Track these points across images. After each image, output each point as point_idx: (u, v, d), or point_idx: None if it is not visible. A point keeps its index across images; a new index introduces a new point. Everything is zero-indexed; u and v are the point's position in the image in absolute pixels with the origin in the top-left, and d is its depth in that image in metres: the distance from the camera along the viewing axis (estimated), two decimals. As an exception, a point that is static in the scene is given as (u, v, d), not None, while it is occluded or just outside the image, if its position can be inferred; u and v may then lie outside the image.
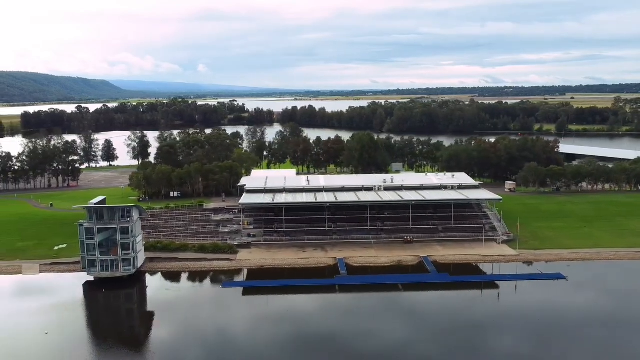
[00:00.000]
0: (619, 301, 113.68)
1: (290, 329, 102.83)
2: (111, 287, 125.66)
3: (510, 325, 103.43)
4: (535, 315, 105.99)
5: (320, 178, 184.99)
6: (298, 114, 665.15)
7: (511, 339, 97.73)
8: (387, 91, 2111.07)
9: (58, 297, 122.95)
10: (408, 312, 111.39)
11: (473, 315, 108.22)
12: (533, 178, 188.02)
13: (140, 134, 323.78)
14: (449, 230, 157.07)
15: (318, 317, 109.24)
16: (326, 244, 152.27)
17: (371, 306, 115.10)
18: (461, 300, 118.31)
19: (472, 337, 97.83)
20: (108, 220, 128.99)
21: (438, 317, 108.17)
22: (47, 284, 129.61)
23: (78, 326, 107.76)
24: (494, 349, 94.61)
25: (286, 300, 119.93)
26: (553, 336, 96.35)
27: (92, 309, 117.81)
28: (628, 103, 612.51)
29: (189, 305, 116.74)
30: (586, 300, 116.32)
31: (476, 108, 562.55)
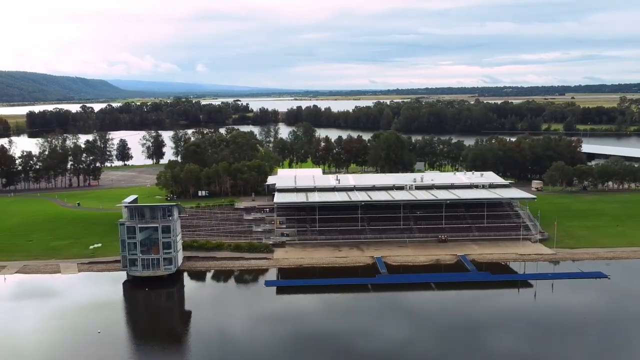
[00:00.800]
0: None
1: (339, 328, 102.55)
2: (152, 286, 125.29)
3: (569, 324, 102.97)
4: (591, 313, 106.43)
5: (349, 177, 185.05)
6: (303, 114, 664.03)
7: (574, 338, 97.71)
8: (386, 91, 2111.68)
9: (101, 296, 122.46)
10: (455, 311, 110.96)
11: (530, 313, 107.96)
12: (560, 177, 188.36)
13: (155, 134, 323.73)
14: (482, 229, 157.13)
15: (367, 316, 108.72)
16: (361, 243, 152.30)
17: (418, 304, 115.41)
18: (509, 298, 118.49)
19: (535, 335, 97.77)
20: (149, 219, 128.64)
21: (493, 316, 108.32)
22: (88, 283, 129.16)
23: (127, 325, 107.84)
24: (557, 346, 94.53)
25: (331, 299, 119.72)
26: (614, 335, 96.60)
27: (138, 308, 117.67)
28: (633, 103, 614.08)
29: (232, 304, 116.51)
30: (632, 298, 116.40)
31: (483, 108, 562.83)
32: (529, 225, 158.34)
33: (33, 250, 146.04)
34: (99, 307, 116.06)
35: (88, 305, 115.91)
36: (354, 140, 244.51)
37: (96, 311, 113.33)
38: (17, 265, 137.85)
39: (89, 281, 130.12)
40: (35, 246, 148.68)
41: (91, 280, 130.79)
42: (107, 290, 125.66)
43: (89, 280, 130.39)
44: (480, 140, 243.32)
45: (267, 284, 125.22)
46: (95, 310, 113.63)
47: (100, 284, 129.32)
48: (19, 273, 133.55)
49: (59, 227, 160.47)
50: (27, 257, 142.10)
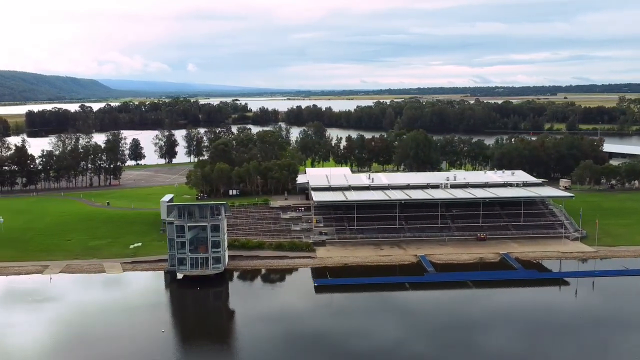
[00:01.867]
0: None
1: (399, 327, 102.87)
2: (200, 285, 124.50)
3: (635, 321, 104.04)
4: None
5: (380, 176, 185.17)
6: (304, 114, 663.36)
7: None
8: (378, 91, 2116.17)
9: (152, 295, 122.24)
10: (517, 310, 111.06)
11: (592, 311, 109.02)
12: (588, 175, 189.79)
13: (167, 133, 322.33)
14: (519, 228, 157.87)
15: (426, 315, 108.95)
16: (401, 241, 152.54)
17: (475, 302, 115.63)
18: (564, 296, 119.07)
19: (603, 333, 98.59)
20: (199, 218, 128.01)
21: (557, 315, 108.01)
22: (136, 283, 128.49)
23: (186, 324, 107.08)
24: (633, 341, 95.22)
25: (383, 297, 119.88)
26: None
27: (192, 307, 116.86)
28: (632, 103, 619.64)
29: (284, 303, 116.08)
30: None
31: (486, 107, 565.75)
32: (565, 223, 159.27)
33: (73, 250, 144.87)
34: (154, 306, 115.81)
35: (142, 304, 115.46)
36: (376, 139, 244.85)
37: (152, 310, 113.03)
38: (59, 264, 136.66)
39: (136, 280, 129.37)
40: (74, 246, 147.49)
41: (138, 279, 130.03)
42: (157, 290, 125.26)
43: (136, 280, 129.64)
44: (500, 139, 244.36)
45: (317, 282, 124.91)
46: (150, 309, 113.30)
47: (148, 283, 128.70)
48: (63, 272, 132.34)
49: (95, 227, 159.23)
50: (68, 257, 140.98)
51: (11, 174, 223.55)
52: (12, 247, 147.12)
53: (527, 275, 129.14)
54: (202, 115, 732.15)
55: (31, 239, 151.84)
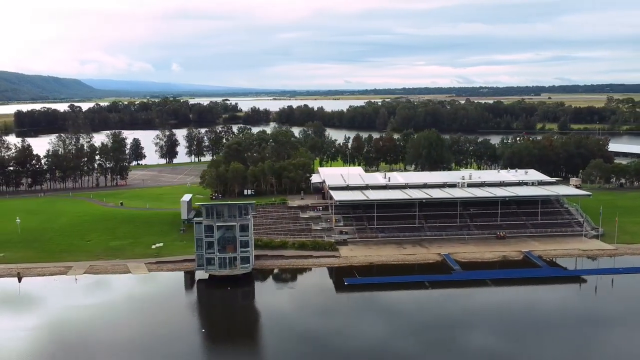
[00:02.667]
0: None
1: (439, 324, 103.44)
2: (228, 285, 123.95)
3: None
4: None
5: (396, 175, 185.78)
6: (296, 114, 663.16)
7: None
8: (364, 91, 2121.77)
9: (183, 295, 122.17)
10: (548, 307, 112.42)
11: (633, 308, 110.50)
12: (598, 174, 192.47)
13: (168, 133, 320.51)
14: (536, 226, 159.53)
15: (463, 312, 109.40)
16: (422, 240, 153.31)
17: (505, 300, 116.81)
18: (594, 293, 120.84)
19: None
20: (227, 218, 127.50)
21: (592, 311, 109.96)
22: (164, 283, 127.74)
23: (223, 324, 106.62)
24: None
25: (412, 295, 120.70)
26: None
27: (226, 307, 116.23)
28: (620, 103, 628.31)
29: (315, 302, 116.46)
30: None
31: (478, 107, 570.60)
32: (581, 221, 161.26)
33: (94, 250, 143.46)
34: (187, 306, 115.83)
35: (176, 304, 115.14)
36: (384, 139, 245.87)
37: (186, 310, 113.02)
38: (82, 265, 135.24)
39: (164, 281, 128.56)
40: (95, 246, 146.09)
41: (166, 279, 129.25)
42: (187, 290, 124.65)
43: (164, 280, 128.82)
44: (506, 138, 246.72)
45: (348, 281, 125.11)
46: (184, 309, 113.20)
47: (176, 283, 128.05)
48: (88, 273, 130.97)
49: (113, 227, 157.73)
50: (90, 257, 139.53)
51: (16, 174, 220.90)
52: (31, 247, 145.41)
53: (553, 273, 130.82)
54: (192, 115, 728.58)
55: (50, 240, 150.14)
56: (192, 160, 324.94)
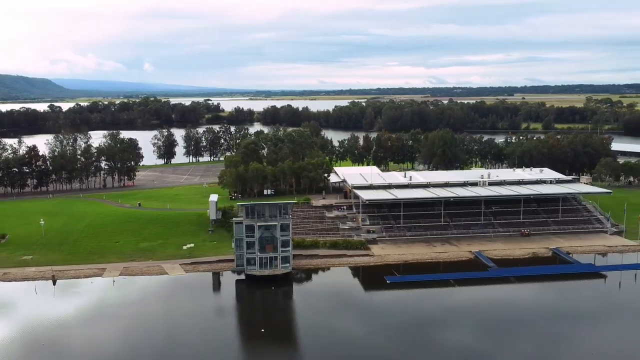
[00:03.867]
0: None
1: (495, 320, 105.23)
2: (268, 284, 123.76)
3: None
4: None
5: (415, 174, 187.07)
6: (281, 113, 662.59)
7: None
8: (339, 91, 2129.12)
9: (229, 295, 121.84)
10: (593, 300, 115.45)
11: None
12: (608, 172, 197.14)
13: (167, 133, 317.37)
14: (558, 223, 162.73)
15: (517, 307, 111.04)
16: (449, 238, 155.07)
17: (550, 295, 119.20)
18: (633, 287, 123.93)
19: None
20: (268, 218, 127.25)
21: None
22: (205, 284, 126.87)
23: (278, 324, 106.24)
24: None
25: (453, 292, 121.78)
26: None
27: (275, 307, 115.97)
28: (598, 103, 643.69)
29: (359, 300, 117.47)
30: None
31: (464, 107, 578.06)
32: (600, 218, 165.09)
33: (124, 252, 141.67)
34: (237, 306, 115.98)
35: (226, 305, 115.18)
36: (392, 138, 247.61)
37: (237, 310, 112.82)
38: (116, 267, 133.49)
39: (204, 281, 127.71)
40: (125, 247, 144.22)
41: (205, 280, 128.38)
42: (230, 290, 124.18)
43: (203, 281, 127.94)
44: (510, 138, 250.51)
45: (389, 279, 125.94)
46: (235, 309, 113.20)
47: (214, 284, 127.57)
48: (123, 275, 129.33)
49: (139, 228, 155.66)
50: (122, 259, 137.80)
51: (21, 175, 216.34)
52: (59, 250, 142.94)
53: (586, 269, 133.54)
54: (175, 115, 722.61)
55: (77, 241, 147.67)
56: (190, 161, 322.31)
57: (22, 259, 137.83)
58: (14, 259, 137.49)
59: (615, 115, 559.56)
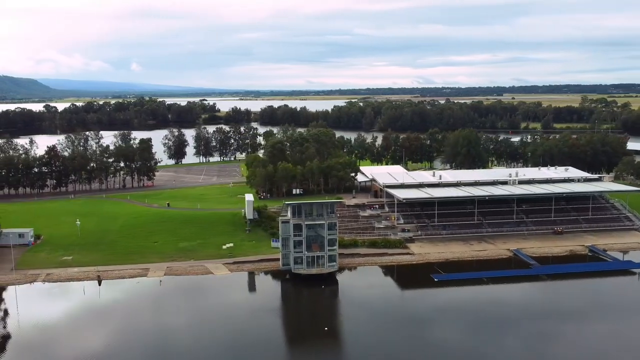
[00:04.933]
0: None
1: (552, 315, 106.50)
2: (314, 283, 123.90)
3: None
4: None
5: (444, 173, 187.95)
6: (278, 114, 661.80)
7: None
8: (329, 91, 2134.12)
9: (280, 294, 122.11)
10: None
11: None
12: (630, 171, 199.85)
13: (178, 133, 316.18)
14: (588, 221, 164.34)
15: (574, 305, 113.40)
16: (484, 236, 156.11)
17: (601, 291, 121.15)
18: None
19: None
20: (316, 216, 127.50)
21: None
22: (250, 283, 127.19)
23: (340, 323, 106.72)
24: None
25: (503, 289, 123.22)
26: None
27: (329, 305, 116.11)
28: (593, 103, 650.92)
29: (409, 299, 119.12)
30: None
31: (463, 107, 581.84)
32: (629, 216, 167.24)
33: (165, 252, 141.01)
34: (292, 306, 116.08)
35: (280, 303, 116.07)
36: (411, 137, 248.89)
37: (293, 309, 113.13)
38: (159, 267, 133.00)
39: (253, 280, 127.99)
40: (164, 247, 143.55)
41: (252, 279, 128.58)
42: (279, 289, 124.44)
43: (252, 279, 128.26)
44: (525, 137, 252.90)
45: (437, 277, 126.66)
46: (289, 308, 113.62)
47: (266, 283, 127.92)
48: (167, 275, 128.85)
49: (174, 228, 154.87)
50: (163, 259, 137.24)
51: (41, 176, 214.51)
52: (97, 250, 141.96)
53: (625, 266, 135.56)
54: (171, 115, 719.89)
55: (114, 242, 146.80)
56: (201, 161, 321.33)
57: (63, 259, 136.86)
58: (54, 260, 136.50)
59: (612, 114, 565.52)
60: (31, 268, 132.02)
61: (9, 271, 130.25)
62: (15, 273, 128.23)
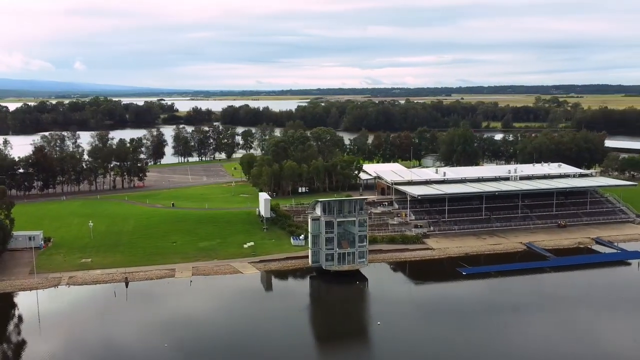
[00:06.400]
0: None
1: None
2: (343, 280, 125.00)
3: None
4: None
5: (446, 170, 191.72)
6: (241, 114, 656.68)
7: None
8: (280, 91, 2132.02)
9: (320, 291, 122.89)
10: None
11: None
12: (614, 167, 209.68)
13: (157, 133, 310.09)
14: (587, 215, 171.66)
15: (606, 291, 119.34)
16: (494, 230, 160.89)
17: (615, 280, 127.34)
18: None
19: None
20: (347, 213, 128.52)
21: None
22: (286, 281, 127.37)
23: (390, 318, 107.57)
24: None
25: (528, 280, 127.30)
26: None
27: (373, 301, 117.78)
28: (547, 102, 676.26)
29: (443, 293, 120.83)
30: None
31: (426, 107, 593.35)
32: (623, 209, 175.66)
33: (186, 252, 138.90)
34: (329, 303, 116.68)
35: (327, 300, 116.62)
36: (402, 136, 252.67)
37: (337, 305, 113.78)
38: (184, 267, 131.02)
39: (283, 278, 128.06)
40: (185, 248, 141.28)
41: (283, 277, 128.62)
42: (312, 285, 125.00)
43: (282, 277, 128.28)
44: (507, 135, 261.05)
45: (464, 271, 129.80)
46: (334, 305, 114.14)
47: (297, 280, 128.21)
48: (195, 275, 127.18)
49: (190, 228, 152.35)
50: (187, 259, 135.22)
51: (28, 177, 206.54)
52: (117, 251, 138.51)
53: (635, 256, 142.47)
54: (129, 115, 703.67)
55: (131, 243, 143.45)
56: (179, 161, 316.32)
57: (82, 262, 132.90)
58: (73, 262, 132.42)
59: (566, 114, 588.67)
60: (50, 271, 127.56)
61: (27, 275, 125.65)
62: (36, 277, 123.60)
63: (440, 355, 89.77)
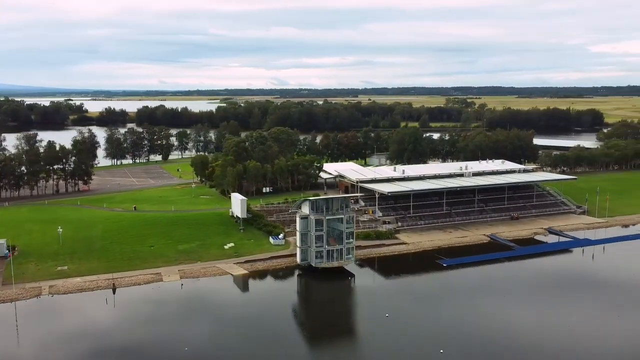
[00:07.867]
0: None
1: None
2: (333, 276, 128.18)
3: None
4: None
5: (404, 168, 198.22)
6: (158, 114, 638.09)
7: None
8: (187, 92, 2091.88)
9: (320, 289, 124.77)
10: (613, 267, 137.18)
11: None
12: (548, 162, 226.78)
13: (89, 133, 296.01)
14: (534, 207, 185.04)
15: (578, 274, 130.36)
16: (457, 224, 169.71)
17: (582, 264, 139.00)
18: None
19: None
20: (335, 211, 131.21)
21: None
22: (275, 280, 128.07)
23: (392, 311, 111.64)
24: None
25: (516, 266, 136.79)
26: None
27: (370, 294, 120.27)
28: (456, 103, 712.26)
29: (428, 285, 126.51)
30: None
31: (348, 107, 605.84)
32: (564, 201, 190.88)
33: (167, 255, 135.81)
34: (330, 301, 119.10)
35: (319, 301, 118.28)
36: (349, 136, 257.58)
37: (332, 305, 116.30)
38: (170, 270, 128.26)
39: (273, 277, 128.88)
40: (164, 251, 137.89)
41: (272, 276, 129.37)
42: (304, 283, 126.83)
43: (272, 277, 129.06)
44: (444, 135, 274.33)
45: (445, 262, 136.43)
46: (333, 302, 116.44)
47: (287, 279, 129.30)
48: (183, 278, 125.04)
49: (164, 232, 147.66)
50: (169, 263, 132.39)
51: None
52: (92, 258, 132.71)
53: (586, 243, 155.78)
54: (35, 117, 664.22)
55: (106, 248, 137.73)
56: (114, 164, 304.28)
57: (58, 270, 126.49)
58: (49, 271, 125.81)
59: (477, 114, 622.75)
60: (25, 281, 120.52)
61: (1, 286, 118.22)
62: (14, 287, 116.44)
63: (449, 344, 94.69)
